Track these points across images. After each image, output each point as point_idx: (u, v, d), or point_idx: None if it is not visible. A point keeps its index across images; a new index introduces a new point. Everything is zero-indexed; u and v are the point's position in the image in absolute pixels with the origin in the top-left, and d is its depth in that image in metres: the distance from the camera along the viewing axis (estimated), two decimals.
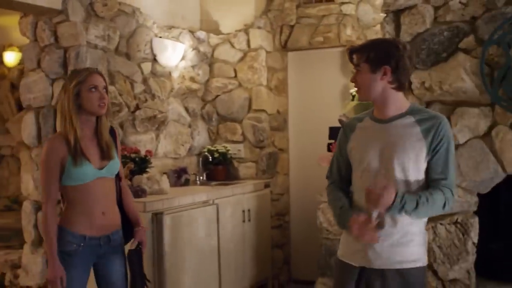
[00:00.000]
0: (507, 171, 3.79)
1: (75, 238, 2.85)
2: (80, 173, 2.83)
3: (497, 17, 3.77)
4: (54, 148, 2.83)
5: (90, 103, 2.85)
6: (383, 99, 2.52)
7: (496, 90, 3.74)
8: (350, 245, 2.58)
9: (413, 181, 2.47)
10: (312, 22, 5.67)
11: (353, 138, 2.62)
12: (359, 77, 2.53)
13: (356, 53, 2.53)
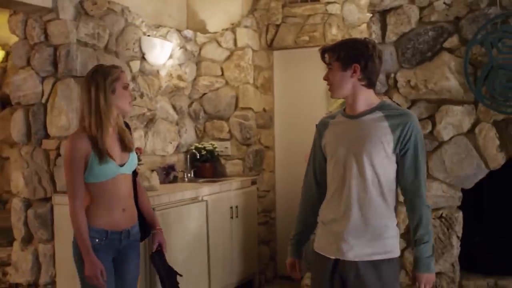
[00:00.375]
0: (490, 167, 3.91)
1: (97, 233, 2.88)
2: (104, 171, 2.85)
3: (480, 18, 3.88)
4: (78, 145, 2.84)
5: (123, 101, 2.91)
6: (353, 96, 2.61)
7: (480, 88, 3.85)
8: (325, 237, 2.69)
9: (381, 173, 2.56)
10: (297, 22, 5.75)
11: (326, 134, 2.72)
12: (331, 75, 2.64)
13: (328, 52, 2.64)
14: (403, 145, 2.55)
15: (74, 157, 2.82)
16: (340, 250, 2.59)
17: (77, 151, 2.83)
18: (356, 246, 2.56)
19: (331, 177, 2.67)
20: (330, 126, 2.72)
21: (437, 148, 4.03)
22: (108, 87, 2.85)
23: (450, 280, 4.01)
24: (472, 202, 4.11)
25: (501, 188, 4.09)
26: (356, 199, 2.57)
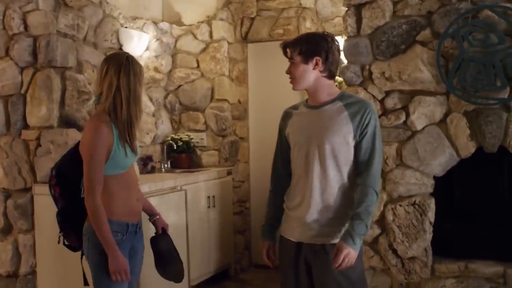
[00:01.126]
0: (461, 155, 4.07)
1: (120, 227, 2.76)
2: (127, 161, 2.76)
3: (452, 12, 4.02)
4: (104, 133, 2.67)
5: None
6: (315, 87, 2.75)
7: (451, 80, 4.00)
8: (289, 222, 2.82)
9: (342, 160, 2.70)
10: (272, 15, 5.85)
11: (290, 124, 2.84)
12: (293, 68, 2.76)
13: (289, 47, 2.77)
14: (362, 131, 2.69)
15: (99, 144, 2.65)
16: (304, 234, 2.73)
17: (103, 138, 2.66)
18: (318, 229, 2.71)
19: (295, 165, 2.81)
20: (293, 116, 2.85)
21: (411, 138, 4.17)
22: (143, 79, 2.84)
23: (423, 264, 4.16)
24: (443, 189, 4.26)
25: (471, 176, 4.25)
26: (318, 186, 2.71)
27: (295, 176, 2.81)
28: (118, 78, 2.74)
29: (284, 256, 2.84)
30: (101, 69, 2.81)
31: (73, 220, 2.85)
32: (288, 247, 2.79)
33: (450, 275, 4.12)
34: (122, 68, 2.76)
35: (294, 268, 2.78)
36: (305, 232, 2.73)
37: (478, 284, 4.03)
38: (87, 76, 4.57)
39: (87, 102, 4.54)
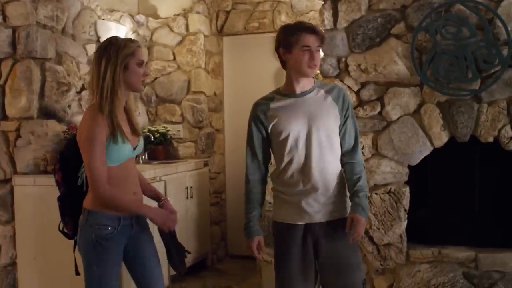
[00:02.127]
0: (435, 144, 4.21)
1: (110, 221, 2.69)
2: (120, 153, 2.66)
3: (425, 6, 4.14)
4: (98, 124, 2.59)
5: (136, 78, 2.68)
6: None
7: (425, 72, 4.12)
8: (290, 207, 2.93)
9: (334, 142, 2.91)
10: (247, 8, 5.93)
11: (272, 115, 2.88)
12: (319, 56, 2.92)
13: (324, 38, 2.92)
14: (345, 113, 2.92)
15: (97, 136, 2.58)
16: (309, 215, 2.87)
17: (100, 129, 2.59)
18: (322, 208, 2.87)
19: (284, 151, 2.86)
20: (273, 108, 2.90)
21: (386, 128, 4.29)
22: (120, 62, 2.61)
23: (398, 250, 4.29)
24: (417, 178, 4.40)
25: (443, 165, 4.39)
26: (317, 168, 2.86)
27: (287, 163, 2.88)
28: (94, 66, 2.67)
29: (286, 241, 2.93)
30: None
31: (73, 207, 2.85)
32: (293, 231, 2.90)
33: (424, 260, 4.26)
34: (97, 56, 2.68)
35: (302, 250, 2.88)
36: (311, 213, 2.86)
37: (451, 269, 4.18)
38: (66, 68, 4.58)
39: (66, 94, 4.56)
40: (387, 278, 4.33)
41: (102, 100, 2.60)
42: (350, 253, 2.94)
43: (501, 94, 4.03)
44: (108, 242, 2.70)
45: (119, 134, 2.62)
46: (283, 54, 2.86)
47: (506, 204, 4.27)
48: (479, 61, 3.99)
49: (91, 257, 2.72)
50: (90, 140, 2.58)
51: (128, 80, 2.67)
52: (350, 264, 2.95)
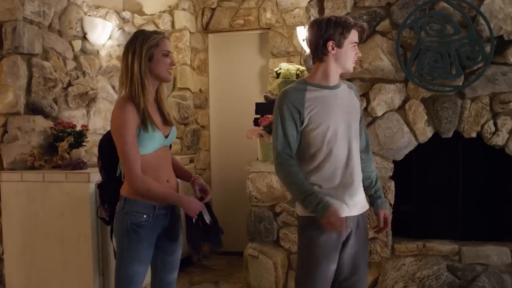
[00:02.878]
0: (419, 140, 4.29)
1: (146, 209, 2.73)
2: (152, 140, 2.73)
3: (410, 4, 4.22)
4: (128, 114, 2.66)
5: (161, 68, 2.74)
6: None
7: (410, 68, 4.19)
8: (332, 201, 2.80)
9: (358, 139, 2.95)
10: (233, 6, 5.96)
11: (310, 105, 2.76)
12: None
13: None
14: (361, 109, 3.02)
15: (127, 123, 2.65)
16: (349, 208, 2.83)
17: (131, 120, 2.65)
18: (356, 202, 2.88)
19: (324, 144, 2.78)
20: (309, 98, 2.78)
21: (371, 123, 4.36)
22: (145, 54, 2.69)
23: (383, 244, 4.36)
24: (402, 172, 4.47)
25: (427, 160, 4.47)
26: (356, 161, 2.89)
27: (327, 155, 2.80)
28: (123, 59, 2.77)
29: (326, 236, 2.79)
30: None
31: (111, 194, 2.91)
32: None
33: (409, 253, 4.33)
34: (125, 50, 2.77)
35: (337, 245, 2.84)
36: (349, 206, 2.84)
37: (435, 262, 4.26)
38: (53, 64, 4.58)
39: (53, 89, 4.55)
40: (373, 271, 4.39)
41: (131, 91, 2.69)
42: (366, 249, 3.03)
43: (484, 90, 4.12)
44: (142, 229, 2.75)
45: (149, 123, 2.69)
46: (332, 48, 2.76)
47: (488, 198, 4.36)
48: (463, 58, 4.07)
49: (125, 242, 2.77)
50: (121, 129, 2.65)
51: (154, 70, 2.74)
52: (365, 260, 3.00)
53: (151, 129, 2.70)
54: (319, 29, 2.79)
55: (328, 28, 2.77)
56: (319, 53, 2.81)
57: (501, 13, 4.03)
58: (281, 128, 2.78)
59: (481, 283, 4.16)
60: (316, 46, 2.81)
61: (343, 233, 2.80)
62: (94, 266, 4.08)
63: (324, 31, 2.77)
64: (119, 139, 2.66)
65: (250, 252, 4.69)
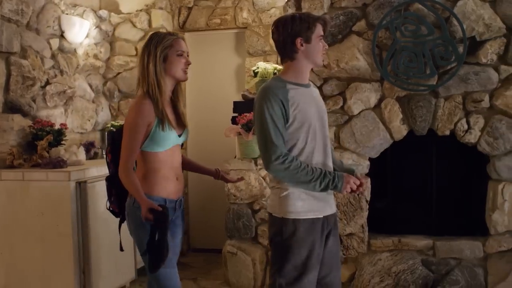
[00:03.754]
0: (394, 138, 4.39)
1: (157, 202, 2.81)
2: (166, 139, 2.84)
3: (385, 5, 4.32)
4: (145, 112, 2.79)
5: (176, 68, 2.85)
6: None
7: (385, 68, 4.30)
8: (312, 200, 2.81)
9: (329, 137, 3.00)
10: (209, 5, 5.99)
11: (294, 102, 2.76)
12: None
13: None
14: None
15: (138, 123, 2.78)
16: (328, 207, 2.88)
17: (143, 117, 2.78)
18: (333, 200, 2.95)
19: (307, 141, 2.79)
20: (292, 96, 2.77)
21: (348, 122, 4.45)
22: (159, 55, 2.81)
23: (360, 240, 4.46)
24: (378, 169, 4.57)
25: (402, 157, 4.57)
26: (330, 160, 2.92)
27: (310, 152, 2.82)
28: (139, 60, 2.89)
29: (311, 235, 2.80)
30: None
31: (118, 188, 2.98)
32: (315, 224, 2.82)
33: (385, 249, 4.44)
34: (142, 51, 2.90)
35: (320, 244, 2.85)
36: (330, 204, 2.90)
37: (410, 256, 4.37)
38: (31, 62, 4.56)
39: (31, 88, 4.54)
40: (349, 267, 4.49)
41: (148, 91, 2.82)
42: (339, 248, 3.11)
43: (457, 89, 4.24)
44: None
45: (166, 122, 2.82)
46: (300, 44, 2.77)
47: (461, 194, 4.49)
48: (437, 58, 4.19)
49: (141, 234, 2.85)
50: (132, 126, 2.79)
51: (170, 71, 2.86)
52: (340, 257, 3.11)
53: (167, 129, 2.83)
54: (285, 28, 2.79)
55: (294, 25, 2.78)
56: (289, 51, 2.82)
57: (473, 14, 4.15)
58: (273, 125, 2.72)
59: (455, 276, 4.29)
60: (285, 44, 2.81)
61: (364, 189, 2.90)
62: (74, 265, 4.10)
63: (291, 29, 2.78)
64: (128, 133, 2.80)
65: (229, 249, 4.75)
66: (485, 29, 4.16)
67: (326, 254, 2.90)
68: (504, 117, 4.20)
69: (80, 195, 4.14)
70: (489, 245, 4.27)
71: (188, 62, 2.92)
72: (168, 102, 2.93)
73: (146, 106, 2.80)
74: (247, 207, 4.72)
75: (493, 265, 4.28)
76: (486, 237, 4.32)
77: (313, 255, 2.80)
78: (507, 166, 4.22)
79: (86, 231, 4.16)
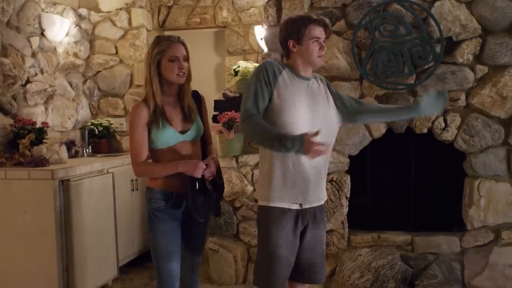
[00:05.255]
0: (373, 136, 4.48)
1: (163, 195, 3.01)
2: (163, 136, 2.97)
3: (364, 5, 4.39)
4: (137, 114, 2.97)
5: (169, 73, 2.97)
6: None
7: (364, 67, 4.38)
8: (288, 190, 2.87)
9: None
10: (189, 4, 6.02)
11: (282, 83, 2.85)
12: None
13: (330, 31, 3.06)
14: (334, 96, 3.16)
15: (135, 125, 2.97)
16: (306, 199, 2.91)
17: (138, 118, 2.96)
18: (315, 193, 2.95)
19: (290, 128, 2.79)
20: (283, 78, 2.88)
21: None
22: (153, 60, 2.96)
23: (340, 236, 4.54)
24: (357, 167, 4.64)
25: (381, 154, 4.66)
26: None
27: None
28: (145, 66, 3.03)
29: (283, 225, 2.87)
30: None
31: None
32: (288, 215, 2.88)
33: (365, 244, 4.52)
34: (146, 57, 3.05)
35: (294, 236, 2.91)
36: (308, 197, 2.91)
37: (389, 252, 4.46)
38: (12, 60, 4.55)
39: (12, 86, 4.53)
40: (330, 262, 4.56)
41: (147, 93, 3.01)
42: (323, 242, 3.10)
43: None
44: (161, 214, 3.04)
45: (160, 121, 2.96)
46: (292, 46, 2.92)
47: (438, 190, 4.59)
48: (415, 57, 4.27)
49: (148, 226, 3.10)
50: (131, 125, 3.01)
51: (164, 76, 3.00)
52: (322, 252, 3.10)
53: (161, 126, 2.96)
54: (281, 31, 3.01)
55: (287, 28, 2.97)
56: (285, 51, 3.03)
57: (450, 15, 4.25)
58: (254, 91, 2.83)
59: (433, 271, 4.39)
60: (282, 46, 3.03)
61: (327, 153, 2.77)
62: (58, 263, 4.10)
63: (284, 32, 2.98)
64: (130, 135, 3.03)
65: (211, 246, 4.79)
66: (462, 30, 4.26)
67: (302, 249, 2.96)
68: (480, 115, 4.31)
69: (63, 193, 4.14)
70: (466, 240, 4.38)
71: (181, 66, 2.99)
72: (173, 102, 3.07)
73: (139, 107, 2.99)
74: (228, 204, 4.76)
75: (470, 260, 4.39)
76: (463, 232, 4.42)
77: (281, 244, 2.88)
78: (483, 163, 4.33)
79: (69, 230, 4.17)
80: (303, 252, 2.97)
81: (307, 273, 3.01)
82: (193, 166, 2.94)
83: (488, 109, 4.29)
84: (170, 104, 3.05)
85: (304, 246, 2.96)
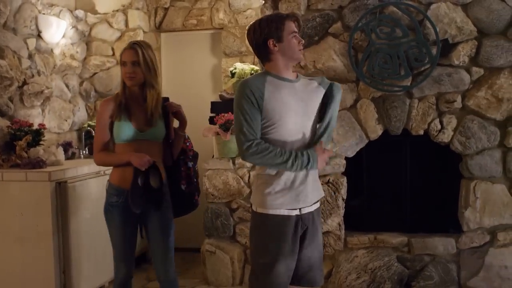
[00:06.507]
0: (370, 137, 4.49)
1: (116, 191, 3.27)
2: (122, 129, 3.21)
3: (361, 7, 4.42)
4: (103, 107, 3.27)
5: (122, 75, 3.29)
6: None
7: (361, 69, 4.40)
8: (286, 196, 2.81)
9: (313, 132, 2.95)
10: (185, 5, 6.03)
11: (270, 94, 2.75)
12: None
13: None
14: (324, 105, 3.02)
15: (100, 117, 3.28)
16: (304, 205, 2.86)
17: (103, 111, 3.26)
18: (312, 198, 2.91)
19: (283, 138, 2.79)
20: (269, 87, 2.77)
21: None
22: (119, 62, 3.33)
23: (336, 238, 4.55)
24: (354, 168, 4.66)
25: (377, 156, 4.67)
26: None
27: (290, 148, 2.81)
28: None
29: (282, 231, 2.81)
30: None
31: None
32: (286, 221, 2.81)
33: (361, 246, 4.54)
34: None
35: (294, 242, 2.85)
36: (306, 202, 2.86)
37: (386, 253, 4.48)
38: (8, 62, 4.55)
39: (9, 88, 4.52)
40: (327, 264, 4.56)
41: (119, 91, 3.33)
42: (321, 246, 3.05)
43: (430, 90, 4.36)
44: (114, 208, 3.29)
45: (122, 114, 3.21)
46: (273, 45, 2.80)
47: (435, 192, 4.61)
48: (411, 60, 4.30)
49: (105, 219, 3.38)
50: (96, 117, 3.35)
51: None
52: (320, 256, 3.04)
53: (122, 119, 3.21)
54: (255, 32, 2.85)
55: (263, 28, 2.82)
56: (264, 54, 2.87)
57: (446, 17, 4.27)
58: (244, 118, 2.74)
59: (429, 272, 4.41)
60: (259, 48, 2.87)
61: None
62: (55, 264, 4.10)
63: (260, 32, 2.82)
64: (96, 124, 3.34)
65: (208, 247, 4.80)
66: (458, 32, 4.28)
67: (302, 255, 2.91)
68: (475, 117, 4.33)
69: (60, 195, 4.14)
70: (462, 242, 4.40)
71: (126, 70, 3.24)
72: (140, 102, 3.29)
73: (107, 101, 3.30)
74: (225, 206, 4.78)
75: (466, 261, 4.41)
76: (459, 233, 4.44)
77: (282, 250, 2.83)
78: (479, 164, 4.35)
79: (66, 231, 4.17)
80: (302, 257, 2.93)
81: (306, 277, 2.98)
82: (139, 158, 3.14)
83: (484, 111, 4.31)
84: (137, 104, 3.27)
85: (303, 250, 2.92)
